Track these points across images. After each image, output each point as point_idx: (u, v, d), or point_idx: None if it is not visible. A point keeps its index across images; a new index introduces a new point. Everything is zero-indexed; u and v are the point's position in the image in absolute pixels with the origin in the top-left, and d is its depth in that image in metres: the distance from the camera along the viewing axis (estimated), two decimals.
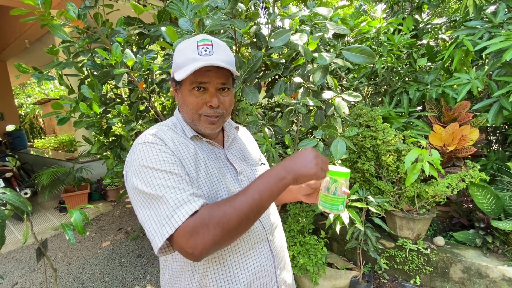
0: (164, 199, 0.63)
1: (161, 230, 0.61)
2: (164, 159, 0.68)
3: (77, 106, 1.78)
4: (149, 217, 0.64)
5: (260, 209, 0.66)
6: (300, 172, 0.67)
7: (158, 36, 1.98)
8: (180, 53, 0.76)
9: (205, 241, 0.59)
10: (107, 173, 2.18)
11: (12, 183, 4.14)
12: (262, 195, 0.65)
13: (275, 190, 0.67)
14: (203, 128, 0.79)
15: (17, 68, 1.80)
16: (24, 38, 5.39)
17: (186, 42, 0.77)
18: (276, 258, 0.84)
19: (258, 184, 0.67)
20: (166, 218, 0.61)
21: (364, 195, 1.94)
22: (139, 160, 0.69)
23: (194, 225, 0.60)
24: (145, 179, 0.66)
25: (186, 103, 0.78)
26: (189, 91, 0.77)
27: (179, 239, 0.60)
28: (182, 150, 0.74)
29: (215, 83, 0.76)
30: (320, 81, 1.55)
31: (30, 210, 1.49)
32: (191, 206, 0.62)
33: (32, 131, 12.30)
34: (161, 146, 0.71)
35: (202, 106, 0.77)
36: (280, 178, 0.67)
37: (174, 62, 0.78)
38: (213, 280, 0.74)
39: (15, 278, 2.69)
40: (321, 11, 1.58)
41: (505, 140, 2.67)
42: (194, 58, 0.73)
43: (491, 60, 2.20)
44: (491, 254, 2.03)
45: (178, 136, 0.78)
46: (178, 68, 0.76)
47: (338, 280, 2.09)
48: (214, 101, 0.76)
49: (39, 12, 1.60)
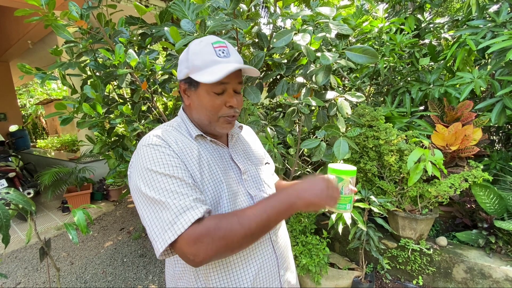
0: (167, 204, 0.63)
1: (163, 235, 0.62)
2: (168, 162, 0.68)
3: (80, 107, 1.79)
4: (152, 221, 0.65)
5: (266, 229, 0.68)
6: (311, 201, 0.69)
7: (160, 37, 1.99)
8: (196, 56, 0.75)
9: (208, 251, 0.61)
10: (109, 173, 2.19)
11: (15, 183, 4.15)
12: (270, 217, 0.67)
13: (284, 214, 0.69)
14: (221, 129, 0.80)
15: (20, 68, 1.81)
16: (27, 38, 5.42)
17: (199, 44, 0.76)
18: (280, 258, 0.84)
19: (268, 205, 0.68)
20: (169, 224, 0.62)
21: (366, 195, 1.94)
22: (143, 163, 0.69)
23: (200, 233, 0.61)
24: (148, 182, 0.66)
25: (205, 105, 0.77)
26: (208, 93, 0.76)
27: (182, 245, 0.62)
28: (186, 151, 0.74)
29: (234, 84, 0.77)
30: (323, 81, 1.55)
31: (34, 209, 1.50)
32: (193, 213, 0.63)
33: (35, 131, 12.37)
34: (165, 148, 0.71)
35: (222, 108, 0.78)
36: (291, 203, 0.69)
37: (191, 63, 0.75)
38: (216, 280, 0.74)
39: (18, 278, 2.70)
40: (324, 11, 1.58)
41: (508, 140, 2.65)
42: (215, 60, 0.73)
43: (494, 60, 2.19)
44: (494, 254, 2.02)
45: (182, 137, 0.78)
46: (198, 69, 0.74)
47: (340, 280, 2.09)
48: (234, 102, 0.78)
49: (43, 13, 1.61)
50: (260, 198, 0.84)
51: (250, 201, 0.81)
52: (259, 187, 0.86)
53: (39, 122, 12.54)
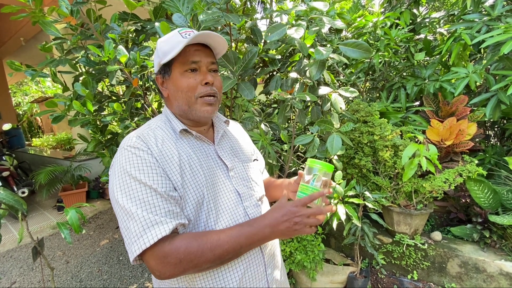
0: (135, 216, 0.64)
1: (131, 246, 0.64)
2: (144, 168, 0.68)
3: (71, 104, 1.76)
4: (123, 229, 0.66)
5: (236, 255, 0.70)
6: (286, 235, 0.70)
7: (155, 33, 1.96)
8: (164, 43, 0.78)
9: (175, 271, 0.63)
10: (104, 171, 2.17)
11: (9, 182, 4.12)
12: (242, 246, 0.69)
13: (257, 244, 0.71)
14: (201, 112, 0.79)
15: (10, 65, 1.77)
16: (19, 36, 5.35)
17: (168, 34, 0.80)
18: (267, 257, 0.83)
19: (242, 234, 0.69)
20: (136, 236, 0.63)
21: (361, 191, 1.93)
22: (121, 165, 0.69)
23: (168, 252, 0.62)
24: (123, 188, 0.66)
25: (180, 88, 0.77)
26: (181, 74, 0.77)
27: (149, 260, 0.63)
28: (167, 154, 0.73)
29: (206, 62, 0.78)
30: (317, 76, 1.53)
31: (25, 209, 1.48)
32: (161, 228, 0.63)
33: (30, 129, 12.25)
34: (143, 152, 0.70)
35: (197, 87, 0.77)
36: (265, 236, 0.70)
37: (160, 51, 0.78)
38: (202, 281, 0.73)
39: (14, 277, 2.69)
40: (317, 5, 1.56)
41: (503, 135, 2.66)
42: (179, 41, 0.74)
43: (489, 54, 2.18)
44: (488, 248, 2.04)
45: (165, 135, 0.77)
46: (165, 54, 0.76)
47: (335, 276, 2.09)
48: (208, 77, 0.78)
49: (30, 9, 1.57)
50: (247, 195, 0.83)
51: (237, 198, 0.80)
52: (247, 184, 0.85)
53: (35, 120, 12.43)
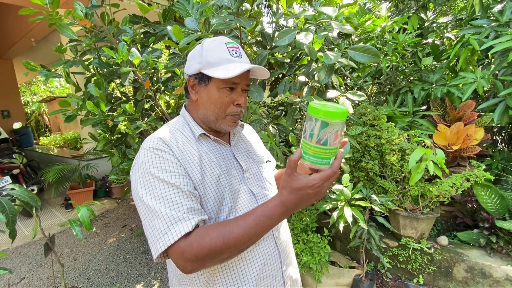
0: (160, 213, 0.66)
1: (155, 243, 0.66)
2: (167, 168, 0.70)
3: (84, 104, 1.80)
4: (147, 227, 0.68)
5: (253, 240, 0.68)
6: (300, 207, 0.67)
7: (163, 35, 2.00)
8: (211, 52, 0.77)
9: (195, 266, 0.65)
10: (112, 170, 2.21)
11: (19, 179, 4.19)
12: (258, 231, 0.66)
13: (274, 225, 0.68)
14: (226, 126, 0.82)
15: (25, 66, 1.82)
16: (30, 36, 5.44)
17: (213, 42, 0.79)
18: (282, 254, 0.85)
19: (257, 217, 0.66)
20: (161, 233, 0.65)
21: (367, 194, 1.94)
22: (144, 166, 0.71)
23: (183, 249, 0.64)
24: (147, 187, 0.69)
25: (214, 101, 0.79)
26: (218, 89, 0.78)
27: (172, 256, 0.66)
28: (188, 155, 0.75)
29: (243, 84, 0.80)
30: (325, 80, 1.55)
31: (39, 205, 1.52)
32: (184, 225, 0.65)
33: (37, 128, 12.43)
34: (165, 153, 0.72)
35: (230, 105, 0.80)
36: (281, 215, 0.67)
37: (204, 59, 0.77)
38: (221, 279, 0.75)
39: (23, 273, 2.74)
40: (326, 11, 1.59)
41: (511, 140, 2.65)
42: (228, 58, 0.76)
43: (497, 59, 2.18)
44: (495, 254, 2.03)
45: (185, 138, 0.79)
46: (212, 65, 0.76)
47: (341, 278, 2.10)
48: (242, 100, 0.81)
49: (47, 12, 1.62)
50: (262, 195, 0.85)
51: (252, 199, 0.82)
52: (261, 184, 0.87)
53: (42, 119, 12.61)
